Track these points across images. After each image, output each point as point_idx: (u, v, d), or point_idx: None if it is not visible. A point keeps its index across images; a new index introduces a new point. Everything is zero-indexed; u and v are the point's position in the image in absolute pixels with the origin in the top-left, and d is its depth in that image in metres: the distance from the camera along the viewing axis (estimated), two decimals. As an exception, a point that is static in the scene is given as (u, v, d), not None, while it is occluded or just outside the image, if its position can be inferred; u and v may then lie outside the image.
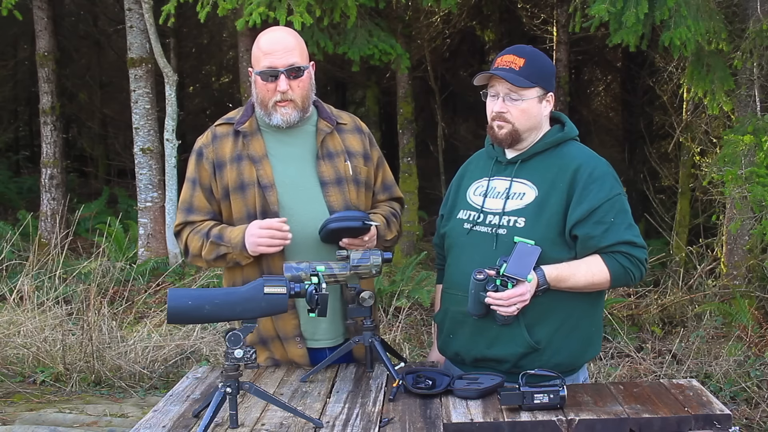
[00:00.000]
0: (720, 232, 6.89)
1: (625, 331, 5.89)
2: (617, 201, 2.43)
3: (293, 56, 2.59)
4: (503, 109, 2.46)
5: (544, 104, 2.50)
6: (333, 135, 2.72)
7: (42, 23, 9.56)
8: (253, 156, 2.64)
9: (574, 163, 2.45)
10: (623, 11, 5.47)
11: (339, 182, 2.66)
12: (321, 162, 2.67)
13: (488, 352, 2.48)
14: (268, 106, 2.62)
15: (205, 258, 2.63)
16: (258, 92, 2.63)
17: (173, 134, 8.22)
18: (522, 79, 2.42)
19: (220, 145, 2.68)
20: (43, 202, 9.51)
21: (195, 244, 2.65)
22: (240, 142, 2.67)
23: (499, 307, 2.34)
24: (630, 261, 2.41)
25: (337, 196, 2.65)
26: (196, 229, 2.66)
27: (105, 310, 5.74)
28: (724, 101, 6.12)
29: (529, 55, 2.47)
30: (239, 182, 2.63)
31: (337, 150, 2.71)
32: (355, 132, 2.79)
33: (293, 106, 2.62)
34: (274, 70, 2.57)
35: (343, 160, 2.69)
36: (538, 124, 2.51)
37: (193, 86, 15.61)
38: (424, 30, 10.76)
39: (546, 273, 2.38)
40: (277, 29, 2.73)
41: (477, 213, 2.54)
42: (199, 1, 6.55)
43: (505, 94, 2.46)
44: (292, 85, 2.59)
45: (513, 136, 2.48)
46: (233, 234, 2.58)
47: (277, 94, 2.59)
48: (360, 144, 2.77)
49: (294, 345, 2.68)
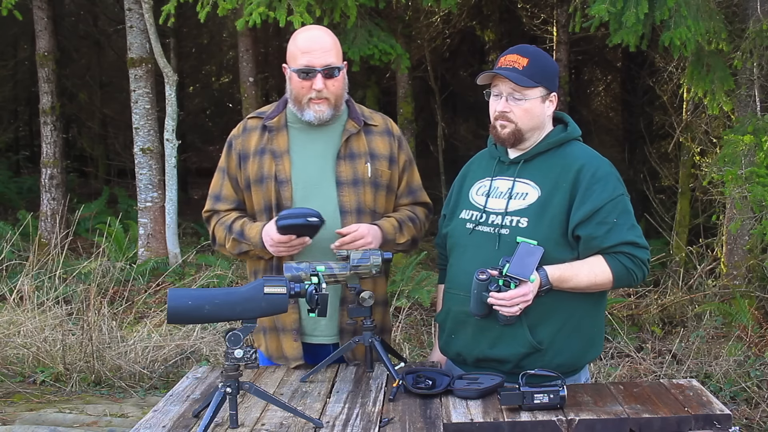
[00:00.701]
0: (720, 232, 6.89)
1: (625, 331, 5.89)
2: (620, 201, 2.43)
3: (330, 56, 2.65)
4: (506, 108, 2.46)
5: (547, 104, 2.50)
6: (359, 136, 2.75)
7: (42, 23, 9.55)
8: (275, 151, 2.71)
9: (577, 163, 2.45)
10: (623, 11, 5.47)
11: (355, 183, 2.69)
12: (341, 162, 2.71)
13: (490, 353, 2.48)
14: (302, 102, 2.68)
15: (230, 251, 2.75)
16: (293, 89, 2.69)
17: (173, 134, 8.22)
18: (525, 78, 2.42)
19: (248, 137, 2.77)
20: (43, 202, 9.51)
21: (220, 234, 2.77)
22: (266, 136, 2.74)
23: (501, 307, 2.34)
24: (632, 261, 2.41)
25: (351, 197, 2.68)
26: (221, 219, 2.77)
27: (105, 310, 5.75)
28: (724, 101, 6.12)
29: (533, 54, 2.48)
30: (259, 175, 2.71)
31: (360, 151, 2.74)
32: (384, 134, 2.81)
33: (327, 104, 2.68)
34: (312, 68, 2.63)
35: (364, 162, 2.72)
36: (541, 124, 2.51)
37: (193, 86, 15.62)
38: (424, 30, 10.76)
39: (549, 273, 2.37)
40: (313, 28, 2.78)
41: (479, 213, 2.54)
42: (199, 1, 6.55)
43: (508, 93, 2.46)
44: (327, 84, 2.65)
45: (516, 135, 2.48)
46: (252, 233, 2.66)
47: (312, 92, 2.64)
48: (387, 146, 2.79)
49: (290, 339, 2.70)
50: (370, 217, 2.70)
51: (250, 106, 8.89)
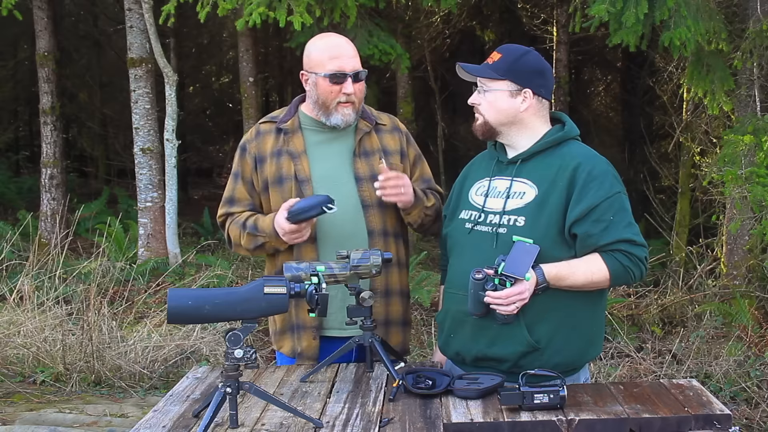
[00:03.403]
0: (720, 232, 6.89)
1: (625, 331, 5.89)
2: (617, 199, 2.43)
3: (357, 61, 2.77)
4: (476, 101, 2.56)
5: (520, 100, 2.50)
6: (371, 135, 2.86)
7: (42, 23, 9.55)
8: (292, 152, 2.78)
9: (573, 161, 2.45)
10: (623, 11, 5.47)
11: (373, 178, 2.75)
12: (357, 159, 2.80)
13: (489, 352, 2.48)
14: (329, 106, 2.75)
15: (246, 247, 2.79)
16: (320, 93, 2.75)
17: (173, 134, 8.22)
18: (489, 71, 2.50)
19: (263, 140, 2.83)
20: (43, 202, 9.51)
21: (235, 233, 2.81)
22: (281, 138, 2.81)
23: (498, 306, 2.35)
24: (630, 259, 2.41)
25: (371, 192, 2.75)
26: (235, 219, 2.82)
27: (105, 310, 5.74)
28: (724, 101, 6.12)
29: (507, 51, 2.55)
30: (278, 176, 2.77)
31: (374, 149, 2.84)
32: (393, 132, 2.92)
33: (353, 108, 2.77)
34: (343, 73, 2.71)
35: (378, 157, 2.81)
36: (515, 120, 2.52)
37: (193, 86, 15.63)
38: (424, 30, 10.77)
39: (545, 271, 2.38)
40: (332, 35, 2.88)
41: (478, 213, 2.55)
42: (199, 1, 6.55)
43: (479, 86, 2.55)
44: (354, 88, 2.74)
45: (486, 128, 2.54)
46: (265, 223, 2.71)
47: (342, 95, 2.73)
48: (396, 142, 2.89)
49: (309, 336, 2.75)
50: (391, 209, 2.78)
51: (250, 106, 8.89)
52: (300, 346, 2.77)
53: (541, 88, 2.53)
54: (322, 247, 2.72)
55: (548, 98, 2.57)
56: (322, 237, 2.72)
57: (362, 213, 2.75)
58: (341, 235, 2.70)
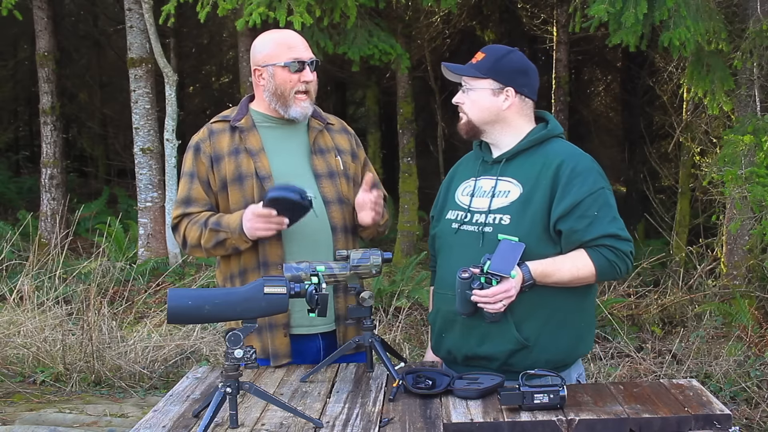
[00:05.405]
0: (720, 232, 6.89)
1: (625, 331, 5.89)
2: (600, 195, 2.44)
3: (310, 51, 2.79)
4: (460, 100, 2.59)
5: (502, 98, 2.52)
6: (323, 133, 2.87)
7: (42, 23, 9.56)
8: (250, 149, 2.75)
9: (557, 159, 2.47)
10: (622, 11, 5.48)
11: (331, 175, 2.78)
12: (314, 156, 2.80)
13: (479, 350, 2.49)
14: (287, 97, 2.74)
15: (204, 246, 2.71)
16: (279, 84, 2.74)
17: (173, 134, 8.22)
18: (472, 70, 2.53)
19: (218, 139, 2.79)
20: (43, 202, 9.51)
21: (193, 234, 2.72)
22: (237, 136, 2.78)
23: (485, 304, 2.36)
24: (615, 254, 2.42)
25: (330, 188, 2.77)
26: (193, 219, 2.74)
27: (105, 310, 5.75)
28: (724, 101, 6.13)
29: (491, 50, 2.57)
30: (237, 174, 2.73)
31: (328, 147, 2.85)
32: (342, 132, 2.95)
33: (310, 100, 2.77)
34: (302, 61, 2.73)
35: (334, 155, 2.83)
36: (498, 119, 2.53)
37: (193, 86, 15.61)
38: (424, 30, 10.76)
39: (531, 268, 2.39)
40: (282, 29, 2.90)
41: (464, 212, 2.56)
42: (199, 1, 6.56)
43: (463, 85, 2.58)
44: (312, 77, 2.75)
45: (469, 127, 2.57)
46: (231, 220, 2.66)
47: (301, 84, 2.73)
48: (348, 143, 2.92)
49: (280, 335, 2.72)
50: (347, 206, 2.79)
51: (250, 105, 8.87)
52: (273, 345, 2.72)
53: (524, 87, 2.54)
54: (287, 243, 2.68)
55: (532, 97, 2.58)
56: (286, 233, 2.68)
57: (324, 209, 2.73)
58: (306, 232, 2.67)
